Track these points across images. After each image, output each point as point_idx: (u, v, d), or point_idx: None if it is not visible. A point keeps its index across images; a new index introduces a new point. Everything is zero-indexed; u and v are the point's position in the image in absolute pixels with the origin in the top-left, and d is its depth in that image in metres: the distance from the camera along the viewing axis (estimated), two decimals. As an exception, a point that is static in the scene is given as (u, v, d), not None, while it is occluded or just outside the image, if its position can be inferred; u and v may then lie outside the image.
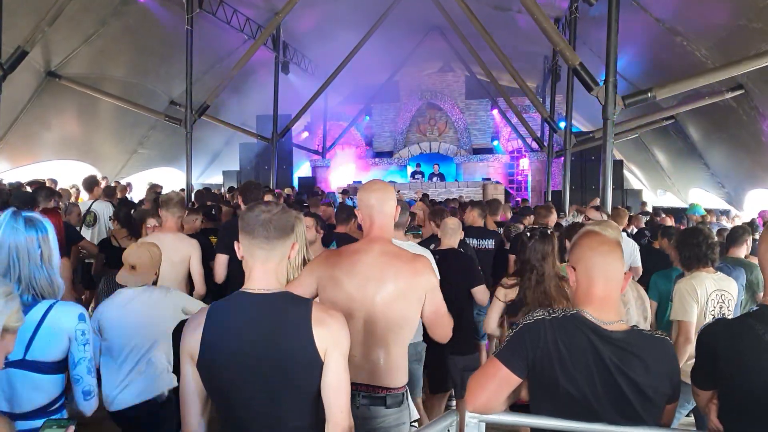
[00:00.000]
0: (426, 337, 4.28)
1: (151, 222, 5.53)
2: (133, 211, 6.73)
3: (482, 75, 17.35)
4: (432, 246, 5.14)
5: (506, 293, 4.15)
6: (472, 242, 6.25)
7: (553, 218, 7.23)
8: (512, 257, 5.91)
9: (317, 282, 2.74)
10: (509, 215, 8.84)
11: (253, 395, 2.01)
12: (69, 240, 5.97)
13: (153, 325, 3.54)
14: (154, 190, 11.23)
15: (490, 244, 6.45)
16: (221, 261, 4.99)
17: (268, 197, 6.44)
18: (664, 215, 10.77)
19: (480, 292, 4.82)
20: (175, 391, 3.62)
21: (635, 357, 2.02)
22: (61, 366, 2.47)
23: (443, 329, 2.88)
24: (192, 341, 2.05)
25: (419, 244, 5.46)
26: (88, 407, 2.48)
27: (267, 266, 2.09)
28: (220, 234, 5.20)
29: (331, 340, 2.02)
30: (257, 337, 2.00)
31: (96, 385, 2.52)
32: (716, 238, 4.35)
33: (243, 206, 5.70)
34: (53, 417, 2.41)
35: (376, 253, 2.68)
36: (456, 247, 5.02)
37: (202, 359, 2.03)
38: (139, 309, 3.51)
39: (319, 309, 2.07)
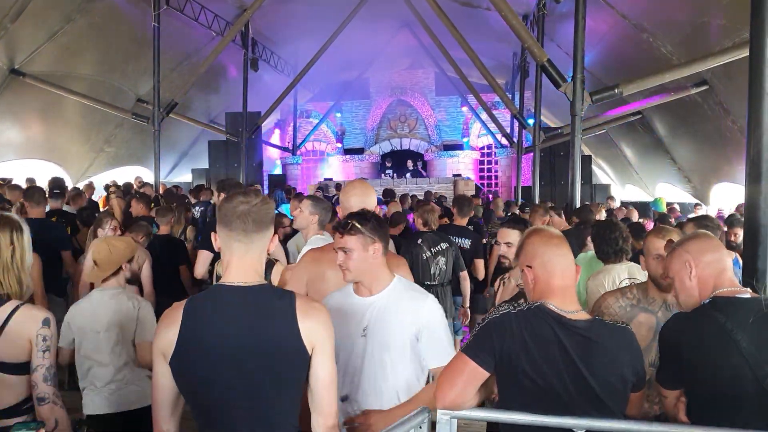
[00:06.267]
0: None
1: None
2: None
3: (452, 72, 17.38)
4: None
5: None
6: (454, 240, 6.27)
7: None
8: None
9: (307, 278, 3.04)
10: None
11: (234, 391, 1.93)
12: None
13: (122, 332, 3.38)
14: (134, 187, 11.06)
15: (466, 243, 6.54)
16: (203, 257, 5.03)
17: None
18: (628, 208, 10.82)
19: None
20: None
21: (598, 345, 2.07)
22: (28, 367, 2.44)
23: None
24: (166, 338, 1.94)
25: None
26: (42, 412, 2.42)
27: (245, 259, 2.01)
28: (204, 231, 5.29)
29: (318, 332, 1.98)
30: (240, 329, 1.93)
31: (52, 393, 2.44)
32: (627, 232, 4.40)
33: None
34: (22, 421, 2.37)
35: None
36: None
37: (177, 355, 1.92)
38: (107, 315, 3.37)
39: (303, 301, 2.02)
